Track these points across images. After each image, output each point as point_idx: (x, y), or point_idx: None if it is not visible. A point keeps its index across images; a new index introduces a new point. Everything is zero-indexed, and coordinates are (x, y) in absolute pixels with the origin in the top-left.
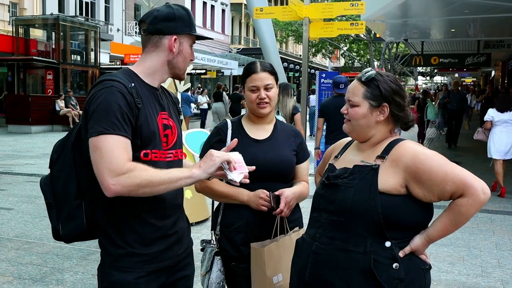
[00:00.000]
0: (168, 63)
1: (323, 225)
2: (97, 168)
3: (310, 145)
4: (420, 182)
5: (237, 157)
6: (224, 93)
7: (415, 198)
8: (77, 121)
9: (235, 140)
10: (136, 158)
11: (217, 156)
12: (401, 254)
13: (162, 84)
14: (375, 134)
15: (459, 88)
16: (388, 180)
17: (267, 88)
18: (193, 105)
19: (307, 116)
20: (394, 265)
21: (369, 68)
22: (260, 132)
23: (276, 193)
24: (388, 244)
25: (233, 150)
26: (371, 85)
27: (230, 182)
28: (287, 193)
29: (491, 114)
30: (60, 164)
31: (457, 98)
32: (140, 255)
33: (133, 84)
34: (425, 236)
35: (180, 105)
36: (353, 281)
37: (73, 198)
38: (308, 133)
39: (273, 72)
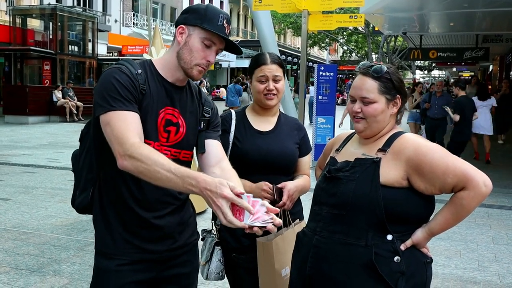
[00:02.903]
0: (177, 55)
1: (324, 219)
2: (110, 144)
3: (309, 132)
4: (421, 175)
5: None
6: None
7: (416, 191)
8: (75, 112)
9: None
10: None
11: (219, 210)
12: (402, 247)
13: None
14: (385, 127)
15: (446, 89)
16: (390, 173)
17: (275, 79)
18: None
19: (307, 105)
20: (396, 258)
21: (366, 62)
22: (264, 124)
23: (279, 185)
24: (389, 237)
25: (237, 138)
26: (382, 79)
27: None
28: (289, 186)
29: (475, 101)
30: (85, 139)
31: (440, 103)
32: (122, 242)
33: (139, 71)
34: (427, 230)
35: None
36: (354, 275)
37: (86, 172)
38: (307, 121)
39: (282, 65)
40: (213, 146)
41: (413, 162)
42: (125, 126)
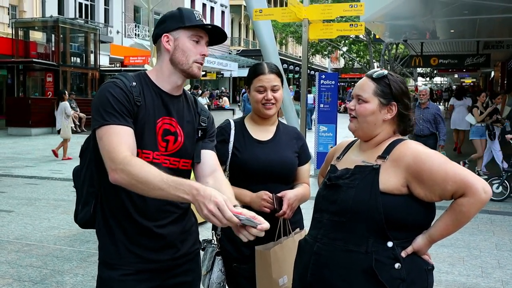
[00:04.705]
0: (171, 62)
1: (324, 226)
2: (103, 158)
3: (309, 136)
4: (421, 182)
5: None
6: None
7: (416, 197)
8: (77, 123)
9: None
10: None
11: (208, 210)
12: (403, 254)
13: None
14: (380, 133)
15: (431, 100)
16: (390, 180)
17: (273, 89)
18: None
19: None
20: (396, 265)
21: (378, 69)
22: (263, 133)
23: (279, 194)
24: (390, 244)
25: (237, 148)
26: (381, 83)
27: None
28: (289, 195)
29: (452, 101)
30: (85, 155)
31: (426, 117)
32: (125, 252)
33: (134, 84)
34: (427, 236)
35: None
36: (354, 282)
37: (88, 186)
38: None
39: (279, 74)
40: (208, 157)
41: (413, 169)
42: (117, 141)
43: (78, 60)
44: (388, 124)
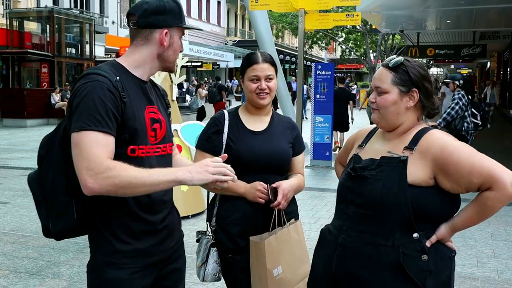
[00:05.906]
0: (158, 56)
1: (350, 218)
2: (76, 165)
3: (305, 127)
4: (447, 174)
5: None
6: None
7: (443, 189)
8: None
9: (225, 155)
10: (122, 154)
11: (212, 171)
12: (427, 244)
13: (153, 77)
14: (404, 121)
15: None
16: (417, 172)
17: (267, 78)
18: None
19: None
20: (423, 257)
21: (394, 56)
22: (257, 123)
23: (273, 185)
24: (416, 236)
25: (231, 139)
26: (399, 71)
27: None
28: (284, 185)
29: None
30: (48, 160)
31: None
32: (133, 251)
33: (118, 78)
34: (450, 225)
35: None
36: (381, 275)
37: (62, 195)
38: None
39: (273, 63)
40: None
41: (439, 161)
42: (98, 149)
43: (73, 50)
44: (412, 111)
